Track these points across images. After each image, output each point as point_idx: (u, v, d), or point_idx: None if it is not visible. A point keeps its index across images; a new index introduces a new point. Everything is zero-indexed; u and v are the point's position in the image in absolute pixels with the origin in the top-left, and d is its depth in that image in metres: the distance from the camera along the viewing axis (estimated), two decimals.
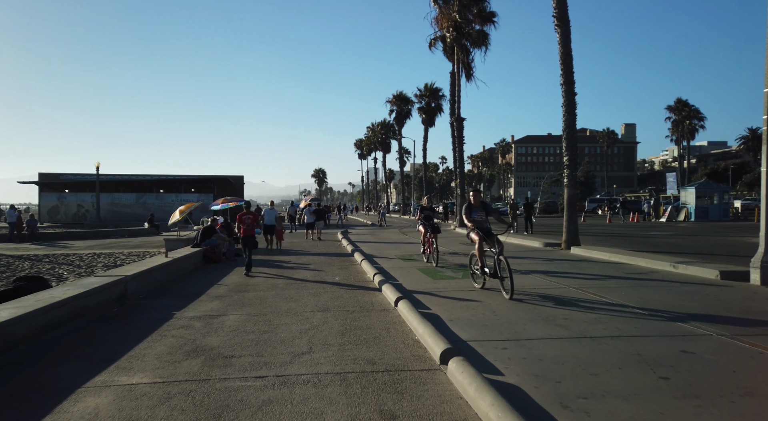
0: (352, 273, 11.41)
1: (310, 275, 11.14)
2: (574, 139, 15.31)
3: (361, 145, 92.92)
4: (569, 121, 15.27)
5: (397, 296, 7.55)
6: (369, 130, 79.55)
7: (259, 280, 10.59)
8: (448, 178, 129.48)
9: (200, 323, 6.70)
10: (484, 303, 7.45)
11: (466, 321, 6.30)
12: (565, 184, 15.57)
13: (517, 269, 10.88)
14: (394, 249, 16.88)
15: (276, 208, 22.05)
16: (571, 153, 15.32)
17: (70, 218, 43.25)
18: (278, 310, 7.42)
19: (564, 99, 15.35)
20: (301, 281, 10.20)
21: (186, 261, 11.98)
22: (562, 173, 15.57)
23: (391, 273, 10.88)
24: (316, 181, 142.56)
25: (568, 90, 15.24)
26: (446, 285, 9.20)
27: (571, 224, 15.39)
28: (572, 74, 15.24)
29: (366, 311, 7.33)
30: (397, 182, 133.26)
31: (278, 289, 9.36)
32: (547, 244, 16.43)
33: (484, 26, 27.22)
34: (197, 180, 46.38)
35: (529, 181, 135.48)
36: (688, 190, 34.16)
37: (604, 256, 12.86)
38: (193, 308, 7.67)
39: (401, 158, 69.63)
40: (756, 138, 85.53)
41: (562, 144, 15.79)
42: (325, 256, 15.29)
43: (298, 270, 12.04)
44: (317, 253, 16.27)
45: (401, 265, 12.43)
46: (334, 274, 11.30)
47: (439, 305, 7.38)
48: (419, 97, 50.27)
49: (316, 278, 10.66)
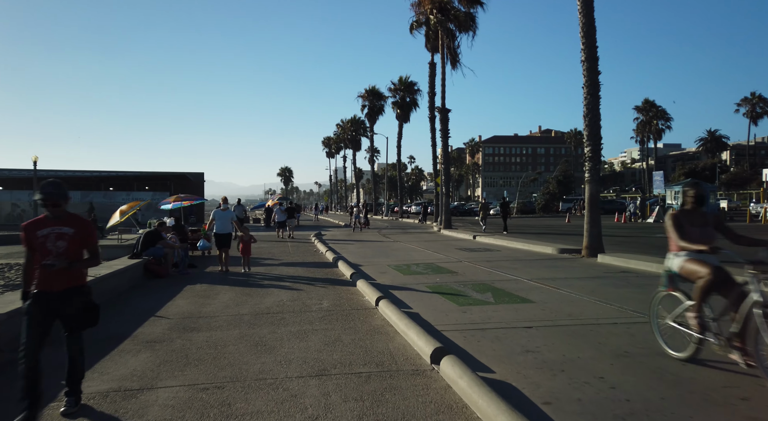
0: (342, 293, 8.62)
1: (287, 298, 8.27)
2: (598, 126, 12.99)
3: (330, 143, 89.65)
4: (592, 104, 12.94)
5: (433, 348, 4.82)
6: (338, 128, 76.37)
7: (217, 306, 7.66)
8: (417, 178, 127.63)
9: (106, 407, 3.80)
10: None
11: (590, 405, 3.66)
12: (587, 179, 13.23)
13: (553, 289, 8.39)
14: (381, 256, 14.16)
15: (243, 206, 18.96)
16: (593, 142, 13.00)
17: (3, 218, 38.41)
18: (244, 374, 4.57)
19: (585, 79, 13.02)
20: (276, 312, 7.33)
21: (116, 280, 8.90)
22: (584, 166, 13.26)
23: (397, 295, 8.17)
24: (282, 180, 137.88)
25: (590, 67, 12.91)
26: (484, 315, 6.56)
27: (594, 227, 13.06)
28: (596, 49, 12.93)
29: (387, 372, 4.58)
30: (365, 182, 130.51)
31: (244, 324, 6.48)
32: (563, 250, 14.07)
33: (471, 8, 24.86)
34: (151, 177, 42.27)
35: (497, 181, 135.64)
36: (673, 189, 32.91)
37: (651, 267, 10.53)
38: (104, 371, 4.73)
39: (372, 156, 66.94)
40: (714, 140, 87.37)
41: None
42: (303, 266, 12.41)
43: (270, 289, 9.14)
44: (292, 262, 13.35)
45: (404, 280, 9.72)
46: (319, 295, 8.48)
47: (501, 359, 4.72)
48: (393, 91, 47.68)
49: (297, 304, 7.81)
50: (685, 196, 4.86)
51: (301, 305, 7.72)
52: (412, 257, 14.07)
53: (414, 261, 12.89)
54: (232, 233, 11.93)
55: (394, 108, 47.56)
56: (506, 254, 14.37)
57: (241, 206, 22.30)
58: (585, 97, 13.05)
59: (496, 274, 10.37)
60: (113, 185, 42.35)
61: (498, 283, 9.16)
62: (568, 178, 48.13)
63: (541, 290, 8.37)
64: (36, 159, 35.71)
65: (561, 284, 8.94)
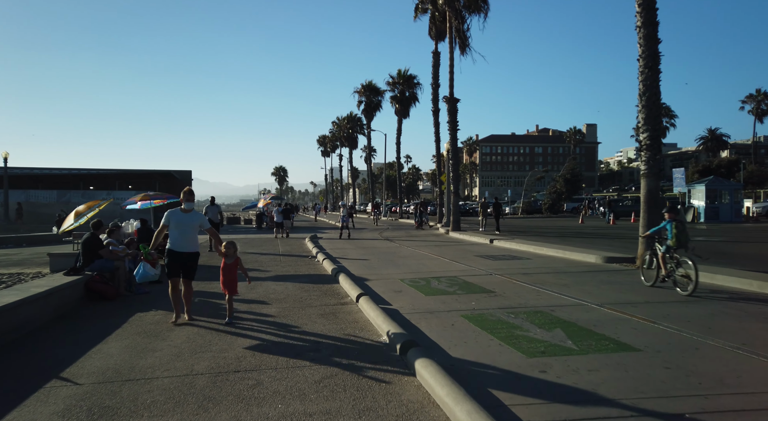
0: (347, 328, 6.14)
1: (270, 338, 5.78)
2: (658, 108, 10.57)
3: (325, 142, 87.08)
4: (650, 80, 10.51)
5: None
6: (334, 125, 73.75)
7: (163, 354, 5.15)
8: (414, 178, 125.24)
9: None
10: None
11: None
12: (644, 173, 10.81)
13: (648, 323, 5.93)
14: (389, 266, 11.69)
15: (218, 206, 16.27)
16: (652, 127, 10.57)
17: None
18: None
19: (642, 49, 10.59)
20: (249, 369, 4.83)
21: (31, 309, 6.37)
22: (639, 157, 10.83)
23: (427, 332, 5.71)
24: (277, 179, 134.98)
25: (648, 35, 10.49)
26: (577, 378, 4.10)
27: None
28: (655, 11, 10.49)
29: None
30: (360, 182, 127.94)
31: (192, 400, 3.96)
32: (610, 259, 11.66)
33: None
34: (135, 175, 39.58)
35: (495, 180, 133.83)
36: (696, 187, 30.64)
37: (747, 284, 8.12)
38: None
39: (368, 154, 64.34)
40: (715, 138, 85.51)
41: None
42: (295, 281, 9.91)
43: (247, 324, 6.63)
44: (283, 275, 10.84)
45: (428, 304, 7.24)
46: (316, 332, 5.98)
47: None
48: (392, 85, 45.14)
49: (283, 350, 5.32)
50: None
51: (290, 351, 5.23)
52: (426, 266, 11.62)
53: (431, 273, 10.43)
54: (199, 252, 6.84)
55: (393, 103, 45.05)
56: (540, 263, 11.94)
57: (215, 207, 16.61)
58: (641, 71, 10.63)
59: (547, 294, 7.93)
60: (93, 184, 39.61)
61: (560, 310, 6.72)
62: (576, 176, 45.76)
63: (630, 324, 5.93)
64: (7, 155, 33.02)
65: (651, 313, 6.49)
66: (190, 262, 6.53)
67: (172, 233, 6.47)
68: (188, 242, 6.47)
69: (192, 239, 6.54)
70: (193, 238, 6.55)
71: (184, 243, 6.45)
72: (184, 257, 6.46)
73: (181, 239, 6.44)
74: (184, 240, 6.44)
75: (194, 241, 6.61)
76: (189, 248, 6.50)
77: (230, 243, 6.68)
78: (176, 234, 6.45)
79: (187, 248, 6.48)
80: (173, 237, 6.45)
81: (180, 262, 6.45)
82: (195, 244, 6.64)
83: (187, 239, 6.46)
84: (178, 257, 6.44)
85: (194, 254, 6.61)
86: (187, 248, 6.48)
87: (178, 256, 6.44)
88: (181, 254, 6.45)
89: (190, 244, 6.51)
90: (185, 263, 6.47)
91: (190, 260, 6.53)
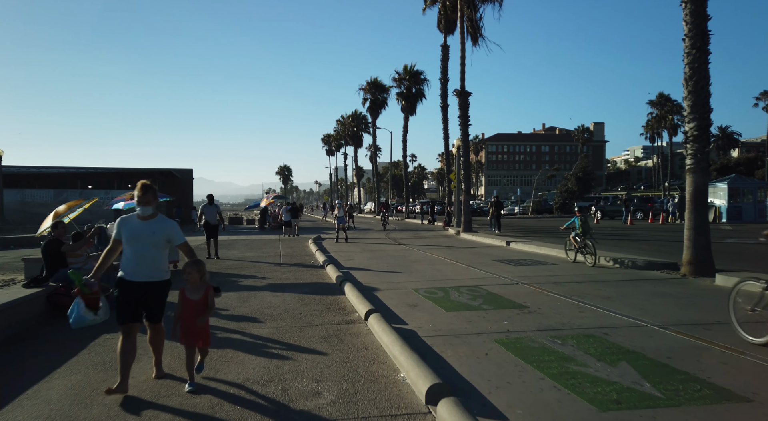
0: (356, 358, 4.92)
1: (257, 373, 4.56)
2: (707, 93, 9.29)
3: (330, 141, 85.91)
4: (698, 61, 9.23)
5: None
6: (339, 124, 72.48)
7: (115, 400, 3.97)
8: (419, 177, 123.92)
9: None
10: None
11: None
12: (690, 168, 9.55)
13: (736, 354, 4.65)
14: (400, 272, 10.45)
15: (216, 206, 14.77)
16: (700, 116, 9.29)
17: None
18: None
19: (688, 26, 9.31)
20: (229, 420, 3.63)
21: None
22: (685, 150, 9.57)
23: (454, 364, 4.49)
24: (281, 179, 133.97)
25: (696, 10, 9.21)
26: None
27: (701, 234, 9.34)
28: None
29: None
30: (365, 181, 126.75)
31: None
32: (649, 264, 10.39)
33: None
34: (134, 173, 38.54)
35: (501, 180, 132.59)
36: (718, 185, 29.24)
37: None
38: None
39: (374, 153, 63.18)
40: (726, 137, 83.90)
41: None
42: (295, 292, 8.68)
43: (230, 350, 5.43)
44: (281, 284, 9.64)
45: (450, 323, 5.99)
46: (315, 366, 4.78)
47: None
48: (398, 81, 43.96)
49: (271, 389, 4.12)
50: None
51: (280, 393, 4.02)
52: (442, 273, 10.40)
53: (448, 281, 9.20)
54: (167, 281, 4.36)
55: (399, 100, 43.85)
56: (568, 269, 10.69)
57: (213, 207, 14.24)
58: (687, 53, 9.35)
59: (591, 310, 6.69)
60: (91, 183, 38.65)
61: (615, 334, 5.48)
62: (588, 174, 44.32)
63: (714, 356, 4.68)
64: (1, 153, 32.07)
65: (733, 339, 5.22)
66: (153, 297, 4.20)
67: (124, 253, 4.21)
68: (147, 266, 4.15)
69: (154, 261, 4.18)
70: (155, 259, 4.18)
71: (141, 267, 4.13)
72: (142, 290, 4.12)
73: (136, 260, 4.12)
74: (140, 263, 4.12)
75: (158, 263, 4.21)
76: (149, 276, 4.15)
77: (193, 264, 4.25)
78: (129, 254, 4.15)
79: (146, 274, 4.14)
80: (125, 259, 4.18)
81: (135, 297, 4.12)
82: (159, 268, 4.22)
83: (145, 262, 4.14)
84: (131, 289, 4.10)
85: (158, 285, 4.21)
86: (146, 274, 4.14)
87: (133, 288, 4.10)
88: (137, 286, 4.11)
89: (151, 268, 4.16)
90: (144, 300, 4.17)
91: (153, 294, 4.19)
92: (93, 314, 4.26)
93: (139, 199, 4.16)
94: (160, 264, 4.25)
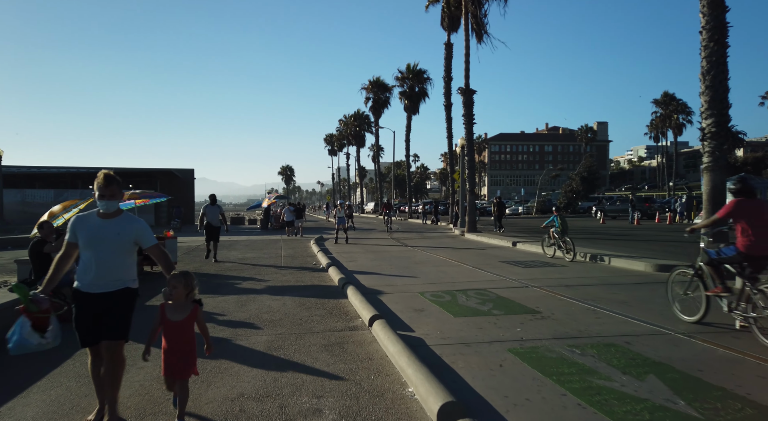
0: (360, 370, 4.55)
1: (252, 387, 4.21)
2: (725, 88, 8.90)
3: (332, 141, 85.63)
4: (716, 55, 8.84)
5: None
6: (341, 123, 72.19)
7: None
8: (421, 177, 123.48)
9: None
10: None
11: None
12: (707, 166, 9.17)
13: None
14: (405, 274, 10.07)
15: (219, 207, 14.09)
16: (718, 112, 8.91)
17: None
18: None
19: (705, 18, 8.92)
20: None
21: None
22: (702, 147, 9.18)
23: (469, 379, 4.13)
24: (284, 179, 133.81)
25: (713, 1, 8.82)
26: None
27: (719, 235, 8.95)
28: None
29: None
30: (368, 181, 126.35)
31: None
32: (663, 267, 10.02)
33: None
34: (135, 173, 38.26)
35: (504, 179, 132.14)
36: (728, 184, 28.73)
37: None
38: None
39: (376, 153, 62.75)
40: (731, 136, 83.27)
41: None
42: (295, 295, 8.32)
43: (225, 362, 5.06)
44: (280, 287, 9.28)
45: (459, 330, 5.62)
46: (315, 383, 4.41)
47: None
48: (401, 80, 43.58)
49: (267, 407, 3.77)
50: None
51: (277, 411, 3.66)
52: (448, 275, 10.03)
53: (455, 284, 8.83)
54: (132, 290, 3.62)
55: (402, 99, 43.49)
56: (579, 271, 10.31)
57: (216, 207, 13.69)
58: (704, 46, 8.97)
59: (608, 315, 6.32)
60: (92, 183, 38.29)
61: (637, 342, 5.10)
62: (593, 174, 43.84)
63: (750, 369, 4.31)
64: (1, 153, 31.85)
65: (756, 347, 4.85)
66: (112, 310, 3.40)
67: (81, 259, 3.47)
68: (110, 276, 3.41)
69: (118, 269, 3.44)
70: (120, 267, 3.45)
71: (102, 277, 3.39)
72: (103, 305, 3.39)
73: (96, 268, 3.37)
74: (100, 271, 3.38)
75: (122, 272, 3.47)
76: (108, 285, 3.40)
77: (180, 276, 3.45)
78: (87, 259, 3.41)
79: (108, 286, 3.40)
80: (82, 266, 3.44)
81: (93, 312, 3.39)
82: (122, 275, 3.48)
83: (107, 270, 3.40)
84: (89, 304, 3.40)
85: (118, 294, 3.43)
86: (108, 286, 3.40)
87: (90, 301, 3.39)
88: (95, 298, 3.39)
89: (115, 279, 3.43)
90: (103, 314, 3.39)
91: (112, 307, 3.40)
92: (39, 337, 3.32)
93: (101, 193, 3.45)
94: (125, 274, 3.48)
